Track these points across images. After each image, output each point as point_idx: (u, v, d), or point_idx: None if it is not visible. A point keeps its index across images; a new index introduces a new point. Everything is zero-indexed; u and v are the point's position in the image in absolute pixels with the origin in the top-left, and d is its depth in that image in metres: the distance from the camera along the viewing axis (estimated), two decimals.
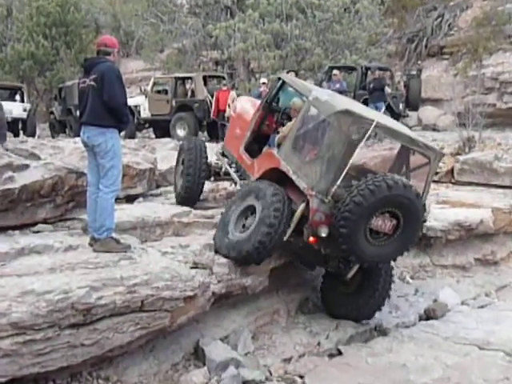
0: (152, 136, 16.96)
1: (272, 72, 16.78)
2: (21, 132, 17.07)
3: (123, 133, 13.81)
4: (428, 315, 6.90)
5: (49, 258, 4.85)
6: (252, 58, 18.24)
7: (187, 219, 6.54)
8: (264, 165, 6.24)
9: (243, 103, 7.83)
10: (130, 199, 7.54)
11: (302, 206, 5.54)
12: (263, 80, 13.67)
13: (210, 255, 5.62)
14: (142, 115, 16.30)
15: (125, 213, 6.25)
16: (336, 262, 6.08)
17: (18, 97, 17.98)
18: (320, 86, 11.73)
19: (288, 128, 6.37)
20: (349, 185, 5.33)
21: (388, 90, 14.56)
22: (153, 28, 22.19)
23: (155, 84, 16.49)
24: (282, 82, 6.91)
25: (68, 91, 17.62)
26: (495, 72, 16.89)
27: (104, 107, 5.00)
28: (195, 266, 5.37)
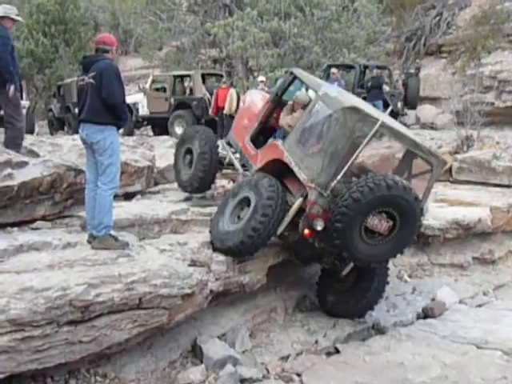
0: (150, 134, 16.94)
1: (270, 70, 16.74)
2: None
3: (122, 130, 13.78)
4: (426, 314, 6.91)
5: (47, 255, 4.85)
6: (250, 56, 18.18)
7: (185, 217, 6.54)
8: (267, 155, 6.28)
9: (253, 96, 7.85)
10: (129, 197, 7.54)
11: (300, 200, 5.57)
12: (261, 78, 13.65)
13: (208, 253, 5.62)
14: (141, 113, 16.26)
15: (123, 210, 6.25)
16: (331, 259, 6.10)
17: None
18: None
19: (292, 119, 6.42)
20: (349, 181, 5.34)
21: (386, 89, 14.56)
22: (151, 26, 22.16)
23: (154, 82, 16.46)
24: (294, 76, 6.92)
25: (67, 89, 17.58)
26: (494, 71, 16.87)
27: (103, 105, 5.00)
28: (193, 264, 5.38)
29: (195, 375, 4.92)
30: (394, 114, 13.55)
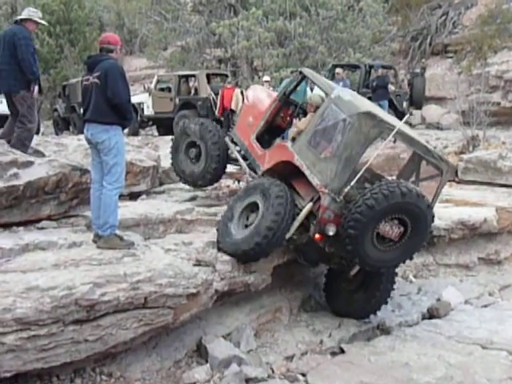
0: (155, 134, 16.97)
1: (275, 70, 16.75)
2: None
3: (126, 130, 13.79)
4: (431, 314, 6.89)
5: (53, 255, 4.86)
6: (255, 56, 18.20)
7: (190, 216, 6.55)
8: (276, 157, 6.23)
9: (258, 92, 7.73)
10: (134, 196, 7.56)
11: (310, 205, 5.56)
12: (266, 78, 13.65)
13: (213, 253, 5.62)
14: (146, 113, 16.29)
15: (128, 210, 6.27)
16: (338, 259, 6.09)
17: None
18: None
19: (303, 123, 6.36)
20: (361, 186, 5.34)
21: (392, 88, 14.52)
22: (156, 26, 22.21)
23: (159, 82, 16.48)
24: (303, 76, 6.82)
25: (72, 89, 17.64)
26: (500, 70, 16.83)
27: (107, 104, 5.01)
28: (198, 264, 5.38)
29: (200, 375, 4.92)
30: (400, 114, 13.54)
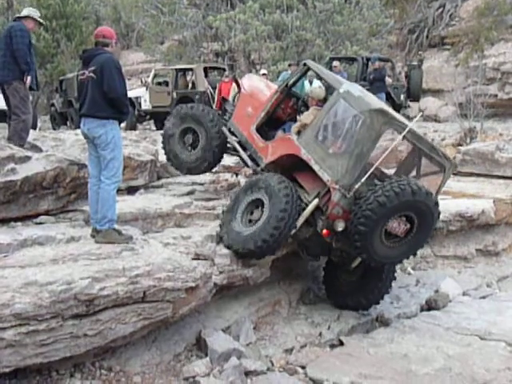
0: (153, 128, 16.93)
1: (273, 63, 16.71)
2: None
3: (124, 124, 13.73)
4: (429, 306, 6.92)
5: (51, 250, 4.86)
6: (252, 50, 18.14)
7: (189, 210, 6.54)
8: (280, 150, 6.19)
9: (255, 82, 7.60)
10: (132, 191, 7.55)
11: (316, 200, 5.58)
12: (263, 71, 13.62)
13: (212, 246, 5.63)
14: (143, 107, 16.23)
15: (126, 204, 6.26)
16: (339, 252, 6.09)
17: None
18: None
19: (308, 117, 6.31)
20: (370, 183, 5.35)
21: (389, 81, 14.50)
22: (153, 20, 22.08)
23: (156, 76, 16.42)
24: (307, 68, 6.72)
25: (69, 83, 17.57)
26: (497, 62, 16.81)
27: (104, 98, 4.99)
28: (197, 257, 5.39)
29: (200, 368, 4.94)
30: (397, 107, 13.53)
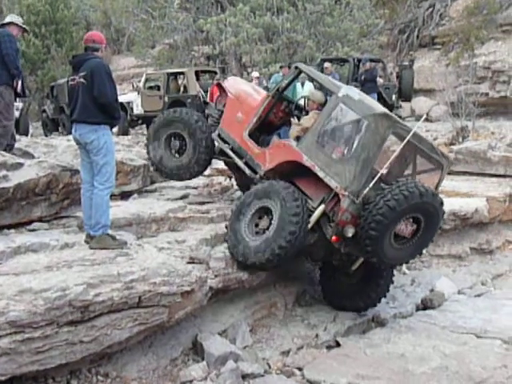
0: (145, 132, 16.88)
1: (264, 66, 16.72)
2: (14, 131, 16.93)
3: (116, 129, 13.68)
4: (425, 305, 6.93)
5: (45, 256, 4.84)
6: (244, 52, 18.16)
7: (183, 214, 6.53)
8: (280, 156, 6.10)
9: (241, 85, 7.40)
10: (125, 196, 7.52)
11: (323, 206, 5.58)
12: (256, 74, 13.63)
13: (207, 250, 5.63)
14: (135, 112, 16.22)
15: (120, 209, 6.24)
16: (341, 255, 6.07)
17: None
18: None
19: (308, 121, 6.24)
20: (377, 187, 5.36)
21: (380, 81, 14.55)
22: (144, 24, 22.05)
23: (147, 80, 16.40)
24: (299, 72, 6.61)
25: (60, 89, 17.50)
26: (487, 61, 16.88)
27: (95, 104, 4.98)
28: (192, 261, 5.38)
29: (197, 372, 4.92)
30: (389, 107, 13.57)
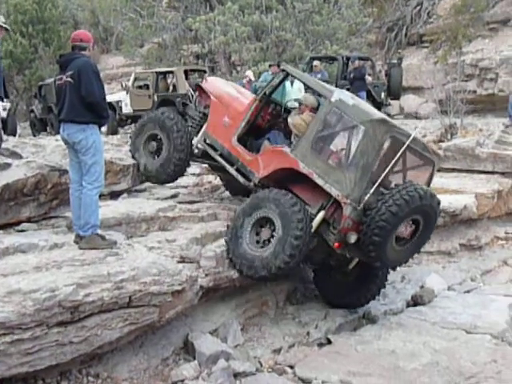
0: None
1: (253, 64, 16.71)
2: (1, 131, 16.81)
3: (105, 129, 13.60)
4: (415, 301, 6.97)
5: (34, 257, 4.80)
6: (233, 51, 18.12)
7: (173, 214, 6.50)
8: (274, 163, 6.00)
9: (223, 86, 7.23)
10: (115, 195, 7.48)
11: (323, 213, 5.59)
12: (250, 74, 13.53)
13: (197, 249, 5.61)
14: (124, 111, 16.15)
15: (109, 209, 6.20)
16: (338, 257, 6.05)
17: None
18: None
19: (304, 121, 6.10)
20: (377, 192, 5.37)
21: (369, 79, 14.60)
22: (132, 23, 21.95)
23: (136, 79, 16.33)
24: (285, 74, 6.49)
25: (48, 89, 17.40)
26: (475, 59, 16.99)
27: (82, 103, 4.95)
28: (182, 260, 5.36)
29: (188, 371, 4.91)
30: (378, 105, 13.61)
